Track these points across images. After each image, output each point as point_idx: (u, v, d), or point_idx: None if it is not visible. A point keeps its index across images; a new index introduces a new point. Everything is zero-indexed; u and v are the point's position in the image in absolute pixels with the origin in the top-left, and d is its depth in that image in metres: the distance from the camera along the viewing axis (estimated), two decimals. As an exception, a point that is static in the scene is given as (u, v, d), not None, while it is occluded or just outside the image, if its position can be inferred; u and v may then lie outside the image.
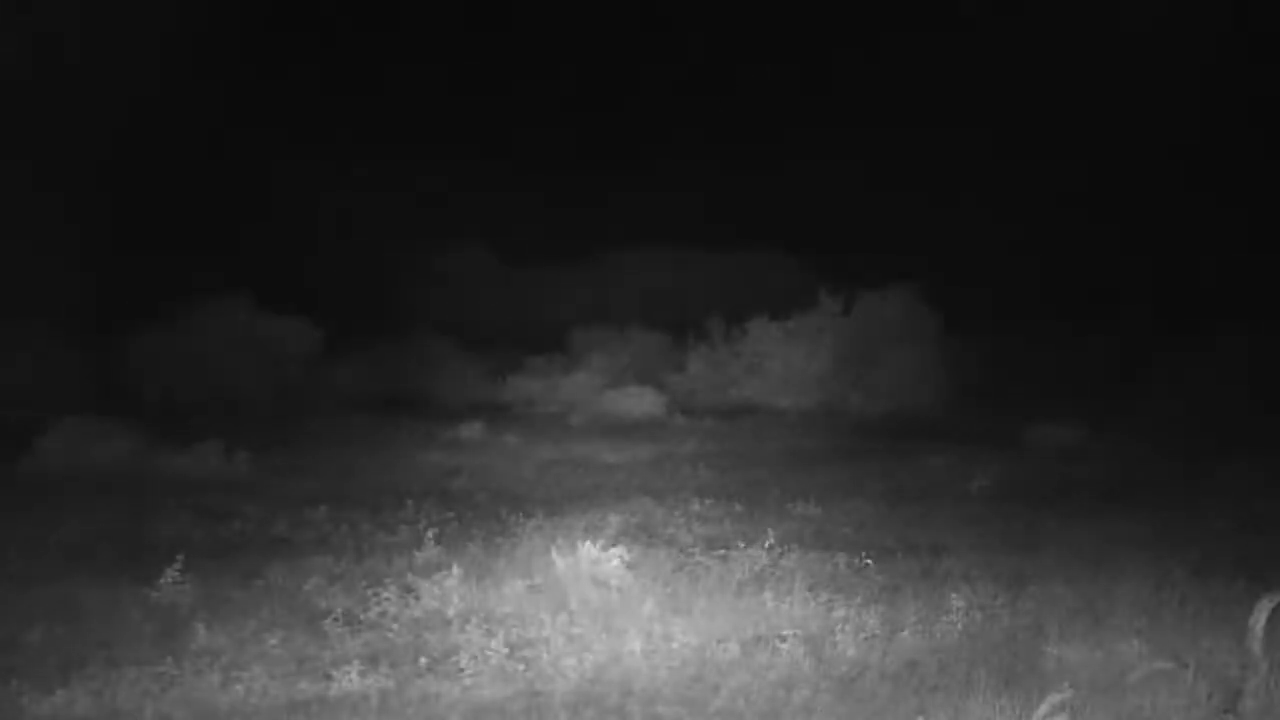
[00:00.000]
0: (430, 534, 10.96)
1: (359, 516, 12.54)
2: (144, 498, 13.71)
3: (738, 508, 12.88)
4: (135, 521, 12.34)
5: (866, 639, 8.11)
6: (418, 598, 9.08)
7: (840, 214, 33.85)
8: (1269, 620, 7.47)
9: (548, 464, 16.35)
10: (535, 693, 7.27)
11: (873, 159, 35.79)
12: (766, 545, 10.28)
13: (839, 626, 8.28)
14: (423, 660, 7.77)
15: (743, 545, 10.41)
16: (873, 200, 34.77)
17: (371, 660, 7.79)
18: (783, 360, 23.14)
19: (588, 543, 9.50)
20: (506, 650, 7.73)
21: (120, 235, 29.44)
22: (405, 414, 21.60)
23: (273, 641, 8.10)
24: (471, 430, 18.77)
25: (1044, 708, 6.57)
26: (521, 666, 7.59)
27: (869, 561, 10.20)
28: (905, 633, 8.23)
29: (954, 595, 8.92)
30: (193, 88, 34.18)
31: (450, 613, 8.78)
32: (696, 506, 12.84)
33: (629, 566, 9.45)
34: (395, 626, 8.58)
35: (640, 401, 21.43)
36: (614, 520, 11.80)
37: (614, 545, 9.70)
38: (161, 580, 9.40)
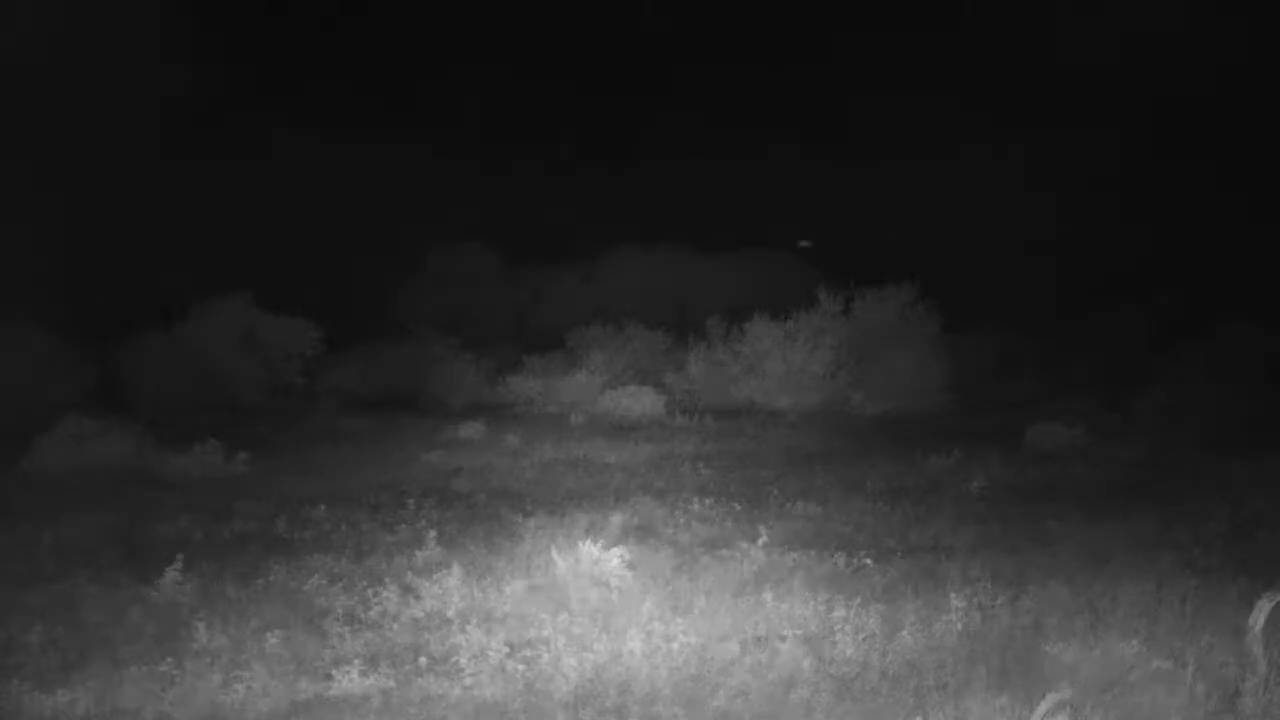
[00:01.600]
0: (430, 534, 10.98)
1: (359, 516, 12.56)
2: (144, 498, 13.73)
3: (738, 508, 12.88)
4: (135, 521, 12.34)
5: (866, 639, 8.11)
6: (418, 597, 9.10)
7: (840, 214, 33.93)
8: (1268, 620, 7.49)
9: (548, 464, 16.34)
10: (535, 693, 7.28)
11: (873, 158, 35.87)
12: (766, 545, 10.29)
13: (839, 626, 8.29)
14: (423, 660, 7.79)
15: (743, 545, 10.41)
16: (872, 200, 34.84)
17: (372, 660, 7.80)
18: (783, 360, 23.13)
19: (588, 543, 9.51)
20: (506, 650, 7.75)
21: (120, 235, 29.50)
22: (405, 414, 21.60)
23: (273, 641, 8.11)
24: (471, 430, 18.75)
25: (1043, 707, 6.58)
26: (521, 666, 7.60)
27: (868, 561, 10.20)
28: (905, 633, 8.23)
29: (954, 595, 8.92)
30: (192, 88, 34.21)
31: (450, 613, 8.80)
32: (696, 506, 12.84)
33: (629, 566, 9.45)
34: (395, 626, 8.60)
35: (640, 401, 21.40)
36: (614, 520, 11.80)
37: (614, 545, 9.71)
38: (161, 580, 9.44)
